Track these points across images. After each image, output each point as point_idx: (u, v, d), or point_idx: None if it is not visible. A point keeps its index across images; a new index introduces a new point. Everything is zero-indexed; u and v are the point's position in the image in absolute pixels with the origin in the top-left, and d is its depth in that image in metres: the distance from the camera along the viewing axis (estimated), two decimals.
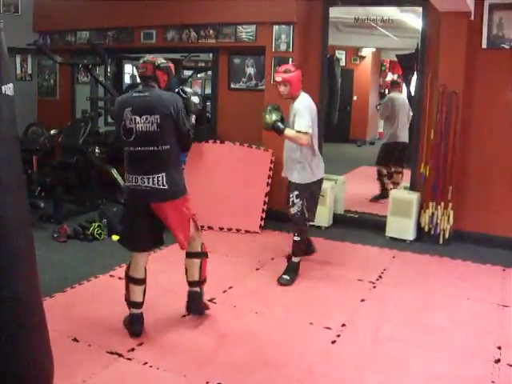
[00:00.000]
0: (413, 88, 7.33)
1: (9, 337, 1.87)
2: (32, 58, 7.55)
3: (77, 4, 7.05)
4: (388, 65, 13.72)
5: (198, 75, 10.24)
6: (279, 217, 5.82)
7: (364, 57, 12.50)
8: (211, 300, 3.96)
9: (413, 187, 5.79)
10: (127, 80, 9.62)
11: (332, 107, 7.24)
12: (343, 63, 11.63)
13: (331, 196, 5.96)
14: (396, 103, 7.08)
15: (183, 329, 3.59)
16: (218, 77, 6.66)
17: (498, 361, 3.26)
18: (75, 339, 3.37)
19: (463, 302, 4.15)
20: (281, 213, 5.78)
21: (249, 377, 3.04)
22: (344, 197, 6.38)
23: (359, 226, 5.98)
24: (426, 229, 5.51)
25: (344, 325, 3.69)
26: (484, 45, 5.25)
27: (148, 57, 3.42)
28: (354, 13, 7.58)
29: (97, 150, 6.63)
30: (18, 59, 7.36)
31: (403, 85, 7.90)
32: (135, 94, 3.36)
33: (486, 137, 5.38)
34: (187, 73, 9.60)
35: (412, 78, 8.17)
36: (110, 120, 7.65)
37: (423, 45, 5.62)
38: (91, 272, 4.50)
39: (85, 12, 6.98)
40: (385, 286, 4.43)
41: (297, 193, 4.36)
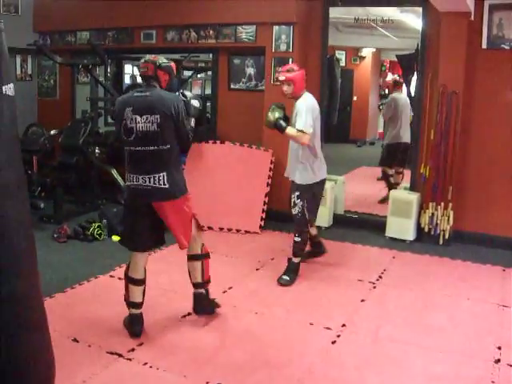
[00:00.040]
0: (413, 88, 7.34)
1: (9, 336, 1.87)
2: (32, 59, 7.55)
3: (77, 4, 7.06)
4: (388, 65, 13.71)
5: (198, 76, 10.24)
6: (279, 217, 5.83)
7: (364, 57, 12.49)
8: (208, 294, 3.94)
9: (413, 187, 5.79)
10: (127, 80, 9.62)
11: (332, 107, 7.23)
12: (343, 63, 11.62)
13: (331, 196, 5.96)
14: (399, 103, 7.07)
15: (183, 329, 3.59)
16: (218, 77, 6.66)
17: (498, 361, 3.26)
18: (75, 339, 3.38)
19: (463, 303, 4.15)
20: (281, 213, 5.80)
21: (249, 377, 3.04)
22: (344, 197, 6.38)
23: (359, 227, 5.98)
24: (426, 229, 5.51)
25: (344, 325, 3.69)
26: (484, 45, 5.25)
27: (149, 56, 3.42)
28: (354, 13, 7.57)
29: (97, 151, 6.63)
30: (18, 59, 7.36)
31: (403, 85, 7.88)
32: (136, 94, 3.36)
33: (486, 137, 5.38)
34: (187, 73, 9.60)
35: (412, 79, 8.18)
36: (110, 120, 7.65)
37: (423, 45, 5.63)
38: (91, 272, 4.50)
39: (85, 12, 6.98)
40: (385, 287, 4.43)
41: (298, 193, 4.36)
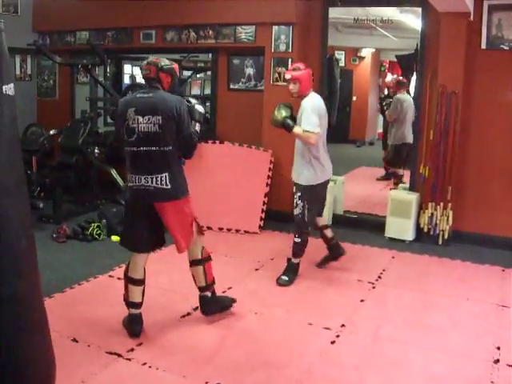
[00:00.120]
0: (412, 88, 7.34)
1: (10, 336, 1.87)
2: (31, 59, 7.55)
3: (76, 4, 7.06)
4: (387, 65, 13.72)
5: (198, 76, 10.24)
6: (279, 217, 5.83)
7: (363, 57, 12.50)
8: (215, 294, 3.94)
9: (412, 187, 5.79)
10: (126, 80, 9.61)
11: (331, 108, 7.22)
12: (342, 64, 11.63)
13: (331, 196, 5.95)
14: (404, 104, 7.07)
15: (183, 329, 3.59)
16: (218, 77, 6.66)
17: (497, 361, 3.26)
18: (74, 339, 3.38)
19: (462, 303, 4.15)
20: (280, 213, 5.81)
21: (248, 377, 3.04)
22: (343, 197, 6.38)
23: (359, 227, 5.98)
24: (426, 229, 5.51)
25: (343, 325, 3.69)
26: (483, 45, 5.25)
27: (152, 58, 3.42)
28: (354, 13, 7.58)
29: (96, 151, 6.63)
30: (18, 59, 7.36)
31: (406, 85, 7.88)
32: (139, 95, 3.37)
33: (486, 137, 5.38)
34: (186, 73, 9.59)
35: (411, 79, 8.18)
36: (110, 120, 7.66)
37: (422, 45, 5.63)
38: (90, 272, 4.50)
39: (84, 12, 6.98)
40: (384, 287, 4.43)
41: (299, 194, 4.35)
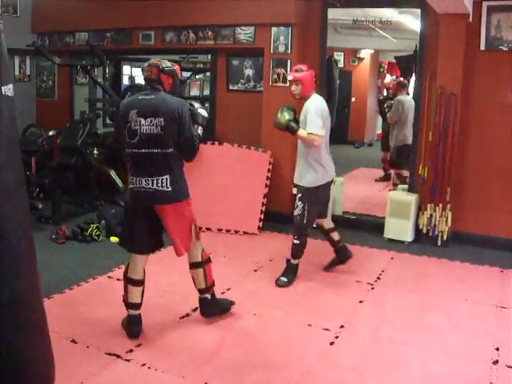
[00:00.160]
0: (411, 89, 7.34)
1: (9, 337, 1.87)
2: (30, 59, 7.55)
3: (75, 5, 7.06)
4: (386, 66, 13.74)
5: (197, 77, 10.24)
6: (277, 218, 5.83)
7: (362, 58, 12.50)
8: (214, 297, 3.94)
9: (411, 189, 5.79)
10: (125, 81, 9.61)
11: (330, 109, 7.21)
12: (341, 65, 11.64)
13: (330, 197, 5.94)
14: (405, 106, 7.07)
15: (181, 330, 3.59)
16: (217, 78, 6.66)
17: (496, 362, 3.26)
18: (73, 340, 3.38)
19: (461, 304, 4.15)
20: (279, 214, 5.81)
21: (247, 378, 3.04)
22: (342, 198, 6.37)
23: (357, 228, 5.98)
24: (425, 230, 5.51)
25: (342, 326, 3.69)
26: (482, 47, 5.26)
27: (153, 60, 3.42)
28: (353, 14, 7.57)
29: (95, 152, 6.63)
30: (17, 60, 7.35)
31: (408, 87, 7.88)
32: (141, 97, 3.37)
33: (485, 138, 5.38)
34: (185, 74, 9.58)
35: (410, 80, 8.18)
36: (109, 121, 7.66)
37: (421, 46, 5.63)
38: (89, 273, 4.50)
39: (83, 13, 6.98)
40: (383, 288, 4.43)
41: (300, 195, 4.35)
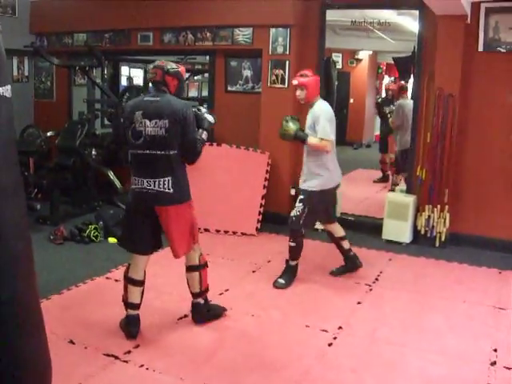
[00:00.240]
0: (409, 91, 7.35)
1: (7, 338, 1.87)
2: (29, 60, 7.54)
3: (74, 6, 7.05)
4: (384, 68, 13.75)
5: (195, 78, 10.25)
6: (276, 219, 5.83)
7: (361, 59, 12.51)
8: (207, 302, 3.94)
9: (409, 190, 5.79)
10: (124, 82, 9.61)
11: None
12: (340, 66, 11.64)
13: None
14: (405, 109, 7.08)
15: (180, 331, 3.59)
16: (215, 79, 6.66)
17: (494, 363, 3.27)
18: (71, 341, 3.37)
19: (459, 305, 4.16)
20: (277, 215, 5.81)
21: (245, 379, 3.04)
22: (341, 199, 6.36)
23: (356, 229, 5.96)
24: (423, 231, 5.52)
25: (340, 327, 3.69)
26: (480, 48, 5.26)
27: (158, 62, 3.43)
28: (351, 16, 7.58)
29: (93, 152, 6.62)
30: (15, 61, 7.34)
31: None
32: (146, 98, 3.38)
33: (483, 140, 5.39)
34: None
35: (408, 81, 8.18)
36: (107, 122, 7.66)
37: (420, 48, 5.63)
38: (88, 274, 4.50)
39: (82, 14, 6.98)
40: (381, 289, 4.44)
41: (302, 197, 4.35)
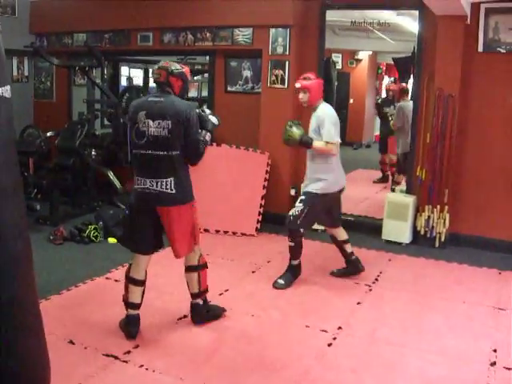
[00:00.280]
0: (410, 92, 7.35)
1: (6, 339, 1.87)
2: (28, 60, 7.54)
3: (73, 6, 7.06)
4: (384, 68, 13.75)
5: (195, 78, 10.25)
6: (275, 220, 5.83)
7: (360, 60, 12.51)
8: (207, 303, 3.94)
9: (409, 190, 5.80)
10: (123, 82, 9.61)
11: None
12: (339, 66, 11.64)
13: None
14: (406, 111, 7.08)
15: (179, 331, 3.59)
16: (215, 79, 6.66)
17: (494, 364, 3.27)
18: (71, 341, 3.37)
19: (459, 305, 4.16)
20: (277, 215, 5.80)
21: (245, 379, 3.04)
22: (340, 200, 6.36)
23: (355, 229, 5.94)
24: (422, 232, 5.52)
25: (340, 328, 3.69)
26: (480, 48, 5.26)
27: (162, 63, 3.43)
28: (351, 16, 7.58)
29: (93, 153, 6.62)
30: (15, 61, 7.34)
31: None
32: (150, 99, 3.39)
33: (483, 140, 5.39)
34: None
35: (408, 82, 8.19)
36: (107, 122, 7.66)
37: (420, 48, 5.64)
38: (87, 274, 4.50)
39: (81, 14, 6.98)
40: (381, 289, 4.44)
41: (303, 198, 4.35)
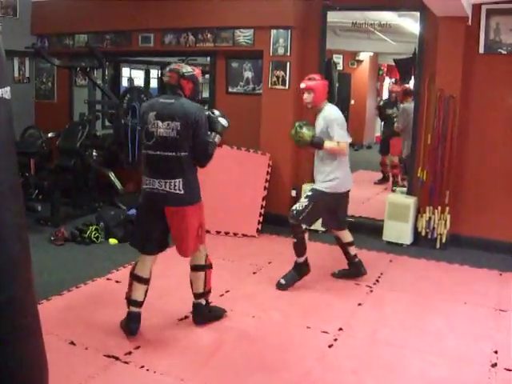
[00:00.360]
0: None
1: (4, 341, 1.87)
2: (30, 61, 7.54)
3: (75, 7, 7.06)
4: (385, 69, 13.74)
5: None
6: (276, 221, 5.83)
7: (361, 61, 12.49)
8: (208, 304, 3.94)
9: (410, 191, 5.80)
10: (125, 83, 9.63)
11: None
12: (341, 67, 11.62)
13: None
14: (409, 114, 7.07)
15: (180, 332, 3.58)
16: (216, 81, 6.66)
17: (495, 365, 3.26)
18: (72, 342, 3.37)
19: (460, 307, 4.15)
20: (278, 217, 5.80)
21: (246, 380, 3.04)
22: None
23: (356, 230, 5.90)
24: (423, 233, 5.52)
25: (341, 329, 3.69)
26: (481, 50, 5.27)
27: (174, 65, 3.44)
28: (352, 17, 7.58)
29: (94, 153, 6.63)
30: (16, 62, 7.35)
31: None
32: (161, 100, 3.41)
33: (484, 141, 5.39)
34: None
35: (409, 83, 8.19)
36: (108, 123, 7.66)
37: (421, 49, 5.64)
38: (88, 275, 4.50)
39: (83, 15, 6.98)
40: (382, 290, 4.44)
41: (310, 193, 4.34)
